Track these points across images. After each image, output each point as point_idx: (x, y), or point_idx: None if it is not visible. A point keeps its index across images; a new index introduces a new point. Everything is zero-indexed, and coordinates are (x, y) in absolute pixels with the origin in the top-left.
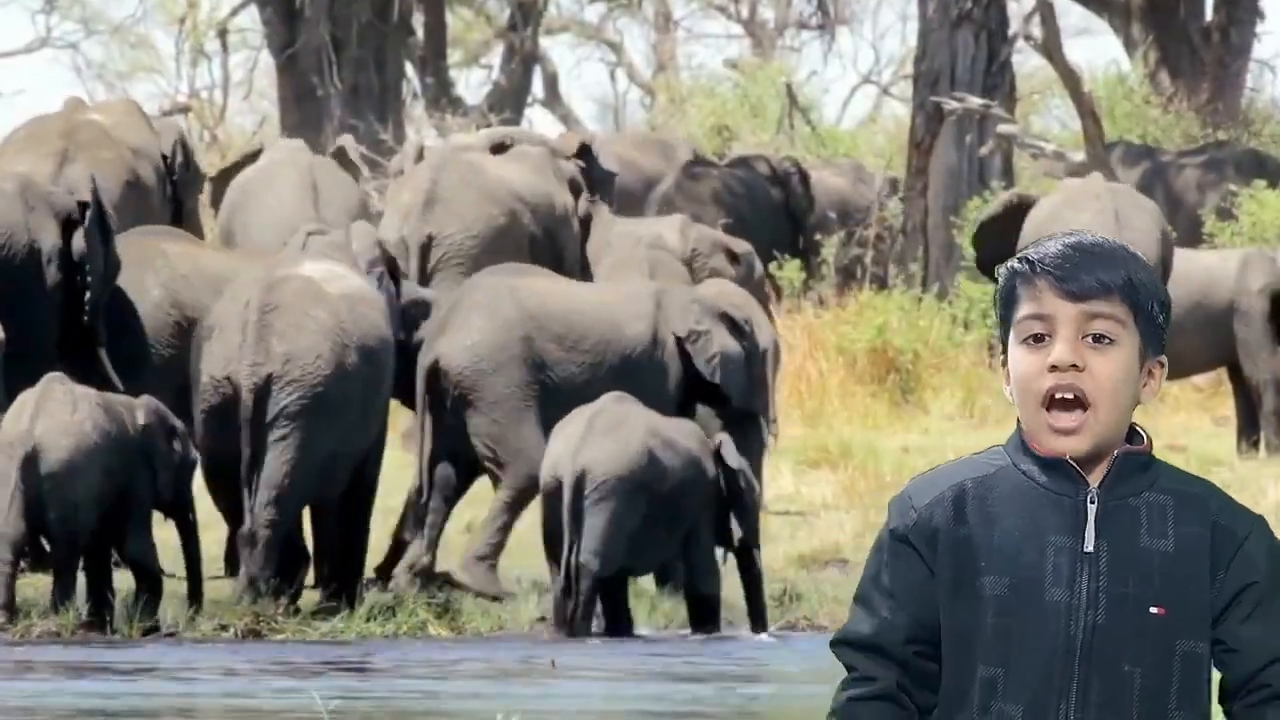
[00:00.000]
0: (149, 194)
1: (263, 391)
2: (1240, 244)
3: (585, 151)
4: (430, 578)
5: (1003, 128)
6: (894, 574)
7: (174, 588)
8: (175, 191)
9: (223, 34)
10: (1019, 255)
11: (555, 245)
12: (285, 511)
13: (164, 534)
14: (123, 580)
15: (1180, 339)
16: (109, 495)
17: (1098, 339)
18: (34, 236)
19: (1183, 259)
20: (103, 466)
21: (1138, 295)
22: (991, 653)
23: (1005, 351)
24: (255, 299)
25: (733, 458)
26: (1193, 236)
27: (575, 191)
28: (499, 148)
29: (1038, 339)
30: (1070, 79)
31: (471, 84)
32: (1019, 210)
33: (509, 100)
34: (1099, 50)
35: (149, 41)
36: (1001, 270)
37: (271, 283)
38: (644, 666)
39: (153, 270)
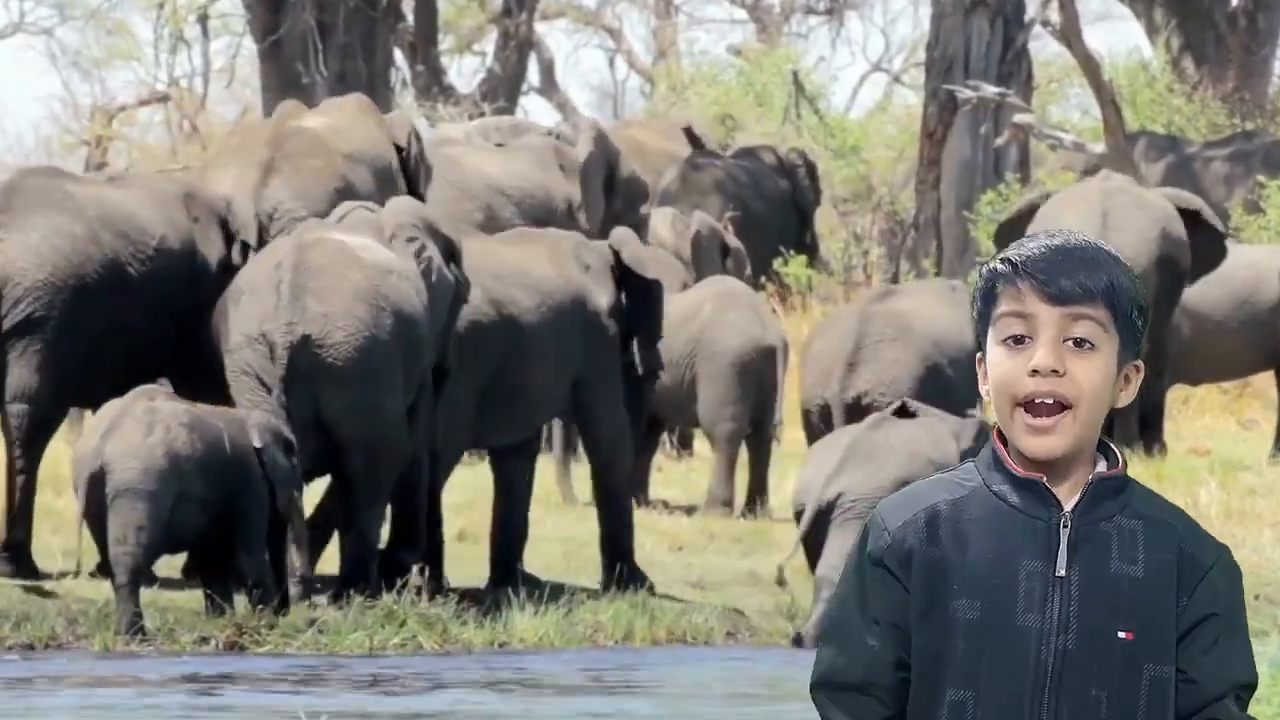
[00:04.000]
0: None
1: (299, 351)
2: (1268, 239)
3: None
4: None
5: (1019, 117)
6: (876, 599)
7: (151, 597)
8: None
9: (203, 19)
10: (1000, 255)
11: None
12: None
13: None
14: (96, 592)
15: (1224, 340)
16: (192, 519)
17: (1078, 343)
18: (197, 244)
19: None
20: (177, 491)
21: (1118, 299)
22: (962, 676)
23: (980, 349)
24: (288, 259)
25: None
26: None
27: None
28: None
29: (1018, 340)
30: (1090, 66)
31: (464, 72)
32: (1035, 211)
33: (503, 89)
34: (1120, 36)
35: (126, 27)
36: (982, 269)
37: (304, 244)
38: (653, 679)
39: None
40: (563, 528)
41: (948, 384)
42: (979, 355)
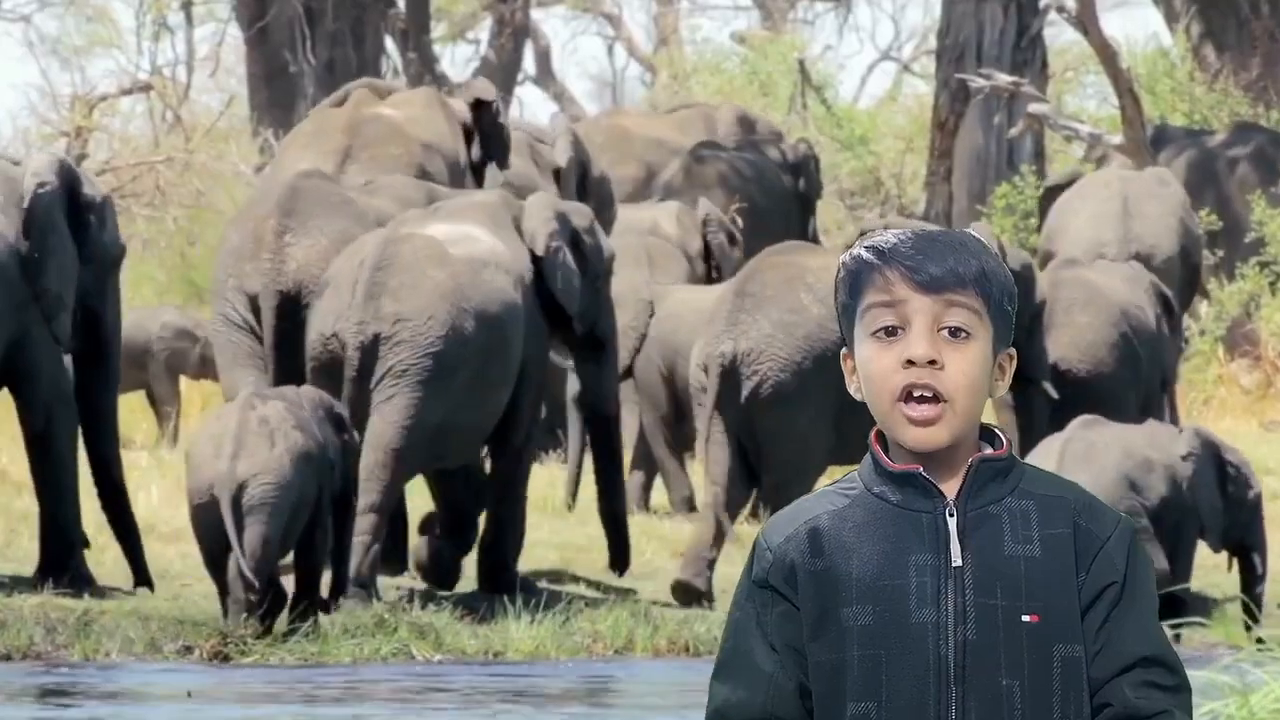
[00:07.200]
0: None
1: (369, 352)
2: None
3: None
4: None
5: (1034, 107)
6: (769, 622)
7: (135, 605)
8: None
9: (187, 6)
10: (863, 244)
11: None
12: (391, 480)
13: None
14: (74, 601)
15: None
16: (301, 521)
17: (954, 332)
18: None
19: None
20: (297, 501)
21: (990, 286)
22: (861, 687)
23: (846, 344)
24: (370, 256)
25: (1230, 453)
26: (1241, 225)
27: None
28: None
29: (890, 331)
30: (1107, 54)
31: (457, 60)
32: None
33: (498, 77)
34: (1138, 23)
35: (107, 14)
36: (844, 259)
37: (391, 240)
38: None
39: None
40: (560, 533)
41: (1134, 355)
42: (844, 351)
